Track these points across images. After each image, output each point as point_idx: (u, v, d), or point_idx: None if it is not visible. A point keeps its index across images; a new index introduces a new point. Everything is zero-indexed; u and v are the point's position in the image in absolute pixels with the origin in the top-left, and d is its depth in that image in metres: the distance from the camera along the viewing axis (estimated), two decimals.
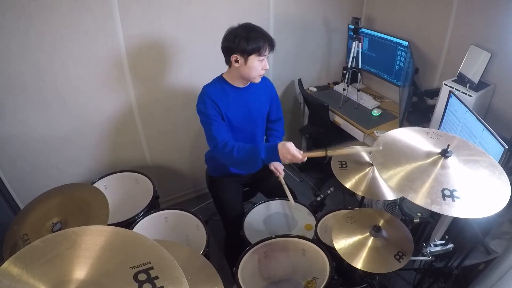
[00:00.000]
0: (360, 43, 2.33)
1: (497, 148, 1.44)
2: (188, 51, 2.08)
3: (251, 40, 1.44)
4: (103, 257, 0.72)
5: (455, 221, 1.60)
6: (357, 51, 2.33)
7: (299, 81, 2.65)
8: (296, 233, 1.54)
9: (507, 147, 1.40)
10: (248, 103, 1.66)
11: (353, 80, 2.59)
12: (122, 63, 1.91)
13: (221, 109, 1.56)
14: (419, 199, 0.96)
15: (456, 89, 1.85)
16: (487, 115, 1.94)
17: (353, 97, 2.58)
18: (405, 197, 0.99)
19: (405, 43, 2.21)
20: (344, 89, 2.55)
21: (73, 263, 0.69)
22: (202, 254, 1.39)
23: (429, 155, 1.08)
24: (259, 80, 1.58)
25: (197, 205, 2.58)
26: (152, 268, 0.71)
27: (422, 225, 1.77)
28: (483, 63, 1.77)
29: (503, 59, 1.79)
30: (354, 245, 1.30)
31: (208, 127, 1.55)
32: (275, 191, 1.87)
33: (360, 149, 1.45)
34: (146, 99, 2.11)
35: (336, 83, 2.85)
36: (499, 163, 1.19)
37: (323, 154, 1.32)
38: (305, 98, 2.60)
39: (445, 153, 1.04)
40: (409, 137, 1.17)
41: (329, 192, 1.72)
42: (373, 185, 1.46)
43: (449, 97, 1.81)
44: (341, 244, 1.30)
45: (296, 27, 2.45)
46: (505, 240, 1.63)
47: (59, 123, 1.91)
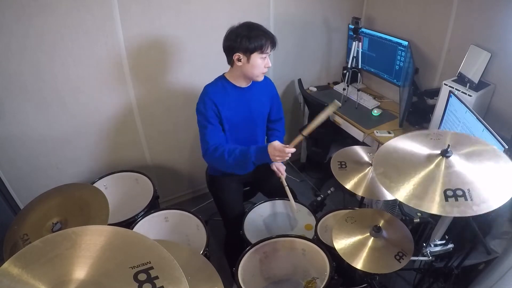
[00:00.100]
0: (360, 43, 2.33)
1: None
2: (188, 51, 2.08)
3: (252, 38, 1.44)
4: (103, 257, 0.72)
5: (455, 221, 1.60)
6: (357, 51, 2.33)
7: (299, 81, 2.65)
8: (296, 233, 1.54)
9: (507, 147, 1.40)
10: (249, 103, 1.66)
11: (353, 80, 2.59)
12: (122, 63, 1.91)
13: (221, 111, 1.56)
14: (435, 208, 0.94)
15: (456, 89, 1.85)
16: (487, 115, 1.94)
17: (353, 97, 2.57)
18: (421, 209, 0.96)
19: (405, 43, 2.21)
20: (344, 89, 2.55)
21: (73, 263, 0.69)
22: (202, 254, 1.39)
23: (430, 158, 1.07)
24: (262, 78, 1.58)
25: (197, 205, 2.58)
26: (152, 268, 0.71)
27: (422, 225, 1.77)
28: (483, 63, 1.77)
29: (503, 59, 1.79)
30: (354, 245, 1.30)
31: (203, 130, 1.56)
32: (275, 191, 1.87)
33: (325, 113, 1.37)
34: (146, 99, 2.11)
35: (336, 83, 2.85)
36: None
37: (301, 138, 1.42)
38: (305, 98, 2.60)
39: (445, 153, 1.04)
40: (405, 144, 1.17)
41: (329, 192, 1.72)
42: (373, 185, 1.46)
43: (449, 97, 1.81)
44: (341, 244, 1.30)
45: (296, 27, 2.45)
46: (505, 240, 1.63)
47: (59, 123, 1.91)
